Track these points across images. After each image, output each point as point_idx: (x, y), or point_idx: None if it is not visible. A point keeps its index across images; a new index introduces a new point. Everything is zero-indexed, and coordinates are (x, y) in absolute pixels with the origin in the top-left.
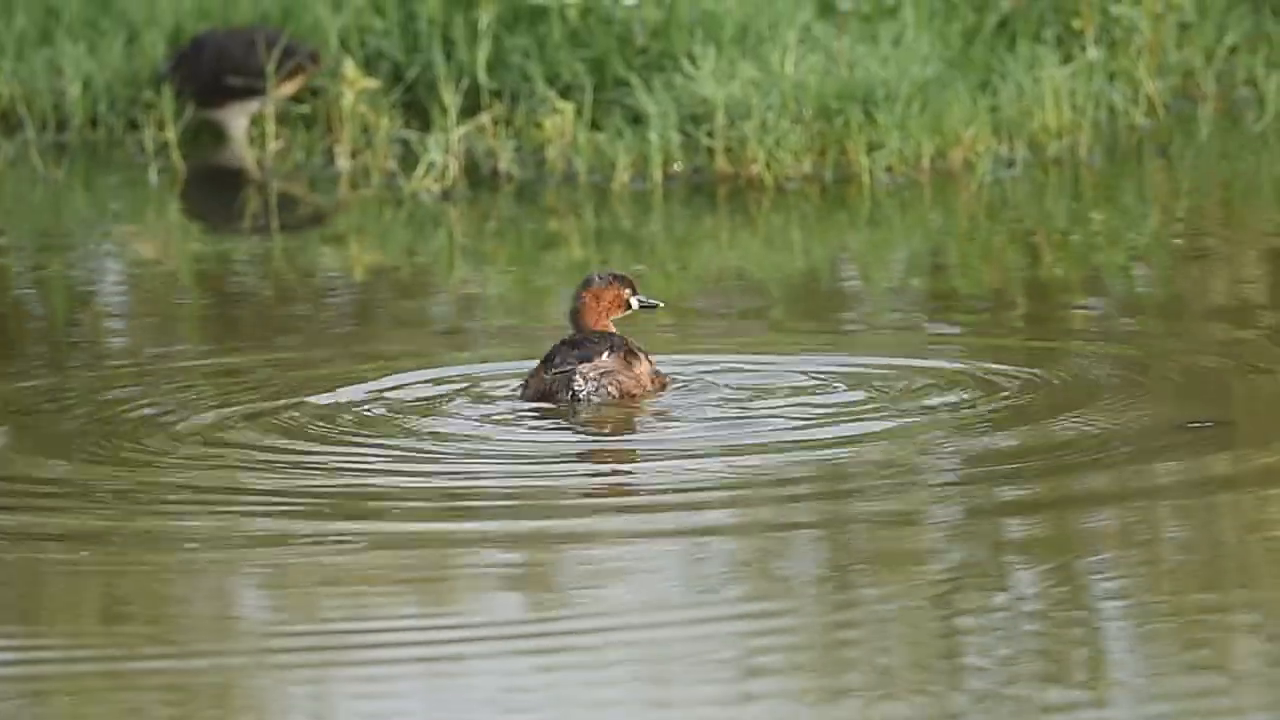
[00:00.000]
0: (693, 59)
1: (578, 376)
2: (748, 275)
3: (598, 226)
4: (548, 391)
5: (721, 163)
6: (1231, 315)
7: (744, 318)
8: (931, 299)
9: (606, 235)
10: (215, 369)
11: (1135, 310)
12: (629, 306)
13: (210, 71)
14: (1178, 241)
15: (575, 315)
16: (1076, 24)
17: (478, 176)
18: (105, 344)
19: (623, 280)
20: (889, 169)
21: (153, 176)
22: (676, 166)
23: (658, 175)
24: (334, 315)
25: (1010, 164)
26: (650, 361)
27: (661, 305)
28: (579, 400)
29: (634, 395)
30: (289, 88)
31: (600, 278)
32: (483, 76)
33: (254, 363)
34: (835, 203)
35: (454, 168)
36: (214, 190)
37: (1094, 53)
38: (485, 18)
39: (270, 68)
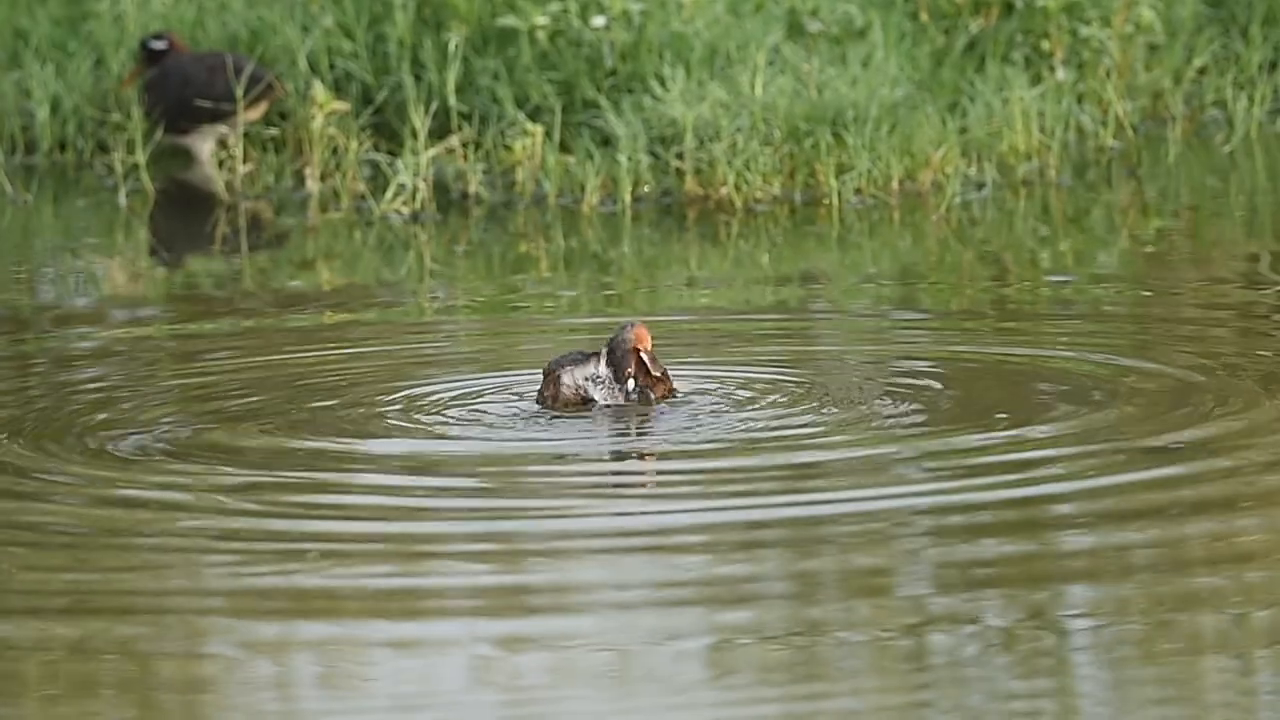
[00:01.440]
0: (662, 81)
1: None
2: (716, 295)
3: (567, 249)
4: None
5: (691, 185)
6: (1200, 335)
7: (711, 333)
8: (901, 317)
9: (576, 257)
10: (185, 389)
11: (1104, 329)
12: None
13: (176, 97)
14: (1146, 263)
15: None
16: (1045, 46)
17: (447, 199)
18: (73, 365)
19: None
20: (858, 191)
21: (122, 199)
22: (646, 188)
23: (627, 197)
24: (304, 337)
25: (980, 186)
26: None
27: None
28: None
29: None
30: (254, 112)
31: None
32: (452, 99)
33: (223, 381)
34: (804, 224)
35: (423, 190)
36: (183, 213)
37: (1063, 74)
38: (455, 40)
39: (238, 92)
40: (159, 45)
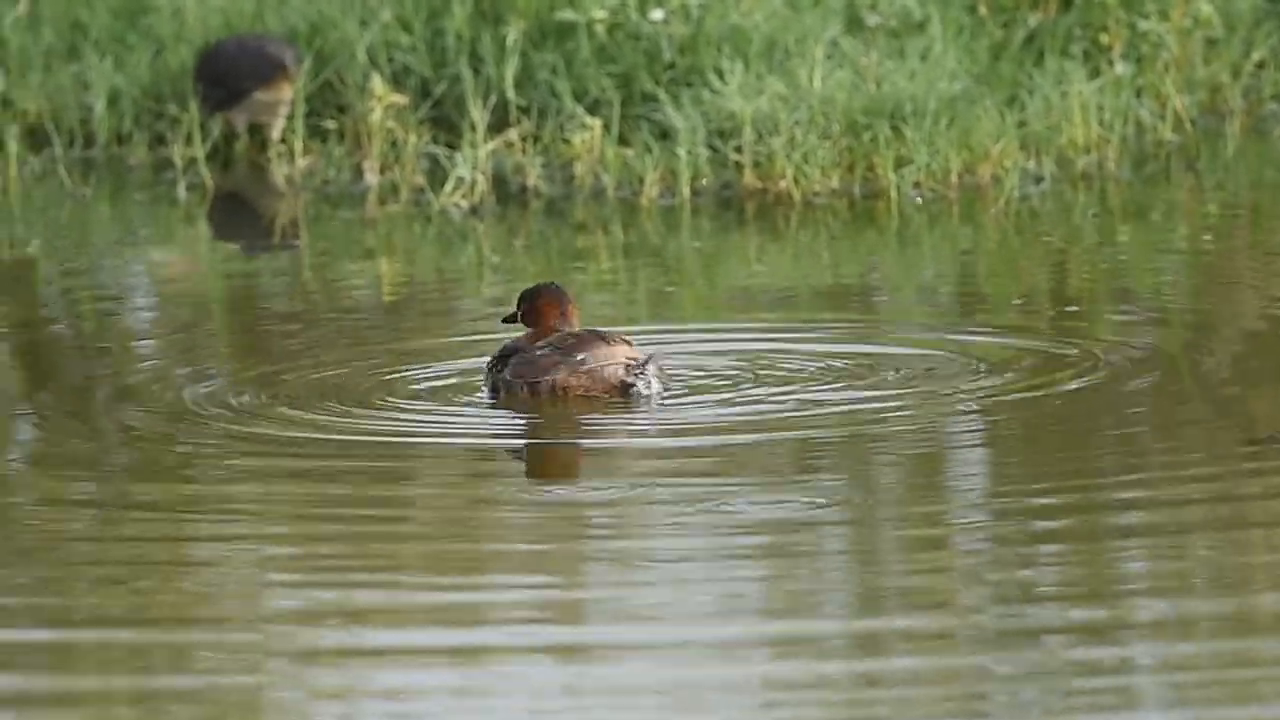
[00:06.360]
0: (720, 74)
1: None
2: (775, 288)
3: (626, 242)
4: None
5: (749, 178)
6: (1262, 328)
7: (772, 319)
8: (961, 308)
9: (634, 250)
10: (246, 380)
11: (1165, 322)
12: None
13: (209, 75)
14: (1206, 256)
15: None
16: (1104, 39)
17: (506, 192)
18: (132, 359)
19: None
20: (917, 184)
21: (180, 192)
22: (704, 182)
23: (686, 190)
24: (362, 328)
25: (1038, 179)
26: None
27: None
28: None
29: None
30: (273, 93)
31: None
32: (511, 92)
33: (283, 375)
34: (863, 218)
35: (482, 183)
36: (242, 206)
37: (1122, 68)
38: (513, 34)
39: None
40: None
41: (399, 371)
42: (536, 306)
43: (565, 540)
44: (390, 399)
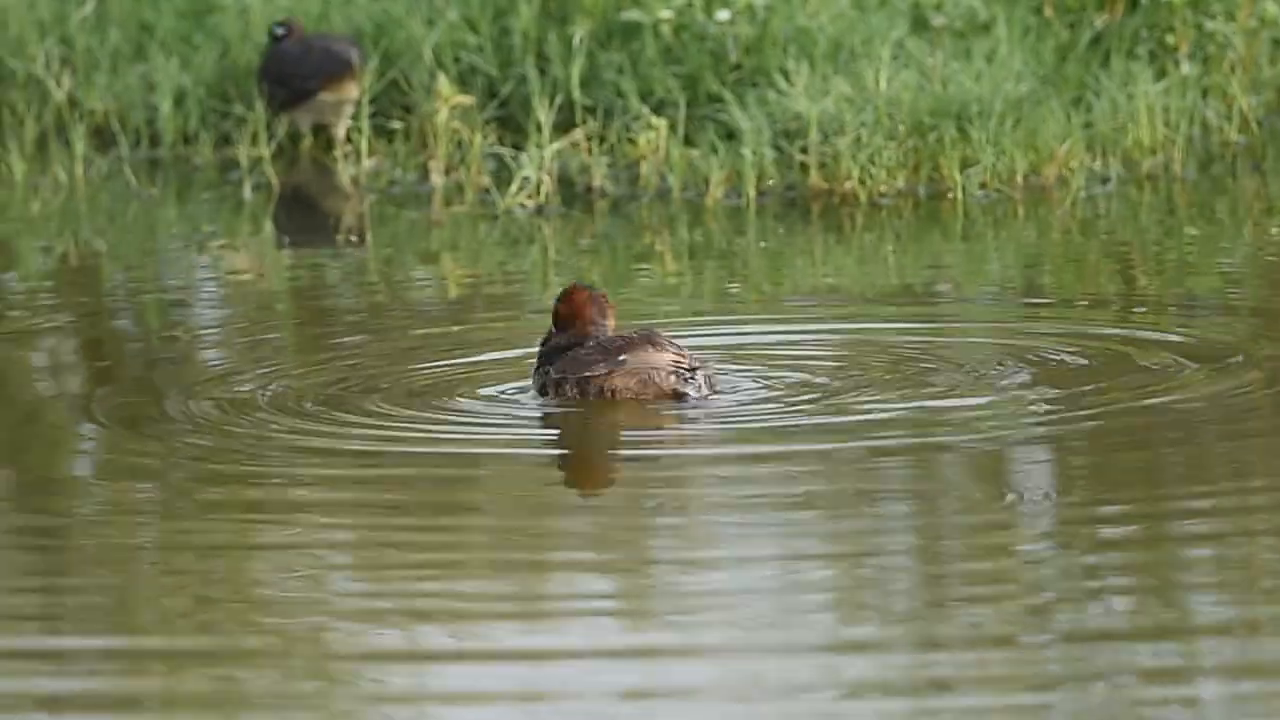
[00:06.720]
0: (786, 75)
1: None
2: (842, 289)
3: (691, 242)
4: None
5: (815, 179)
6: None
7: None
8: (1029, 306)
9: (700, 251)
10: (308, 381)
11: (1233, 323)
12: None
13: (274, 75)
14: (1272, 257)
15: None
16: (1170, 40)
17: (571, 193)
18: (200, 357)
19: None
20: (983, 185)
21: (246, 192)
22: (770, 183)
23: (751, 191)
24: (425, 329)
25: (1104, 180)
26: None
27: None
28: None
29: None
30: (336, 92)
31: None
32: (576, 93)
33: (352, 377)
34: (929, 219)
35: (548, 184)
36: (307, 206)
37: (1188, 69)
38: (579, 34)
39: (322, 69)
40: (279, 31)
41: (460, 373)
42: (572, 307)
43: (626, 545)
44: (450, 401)
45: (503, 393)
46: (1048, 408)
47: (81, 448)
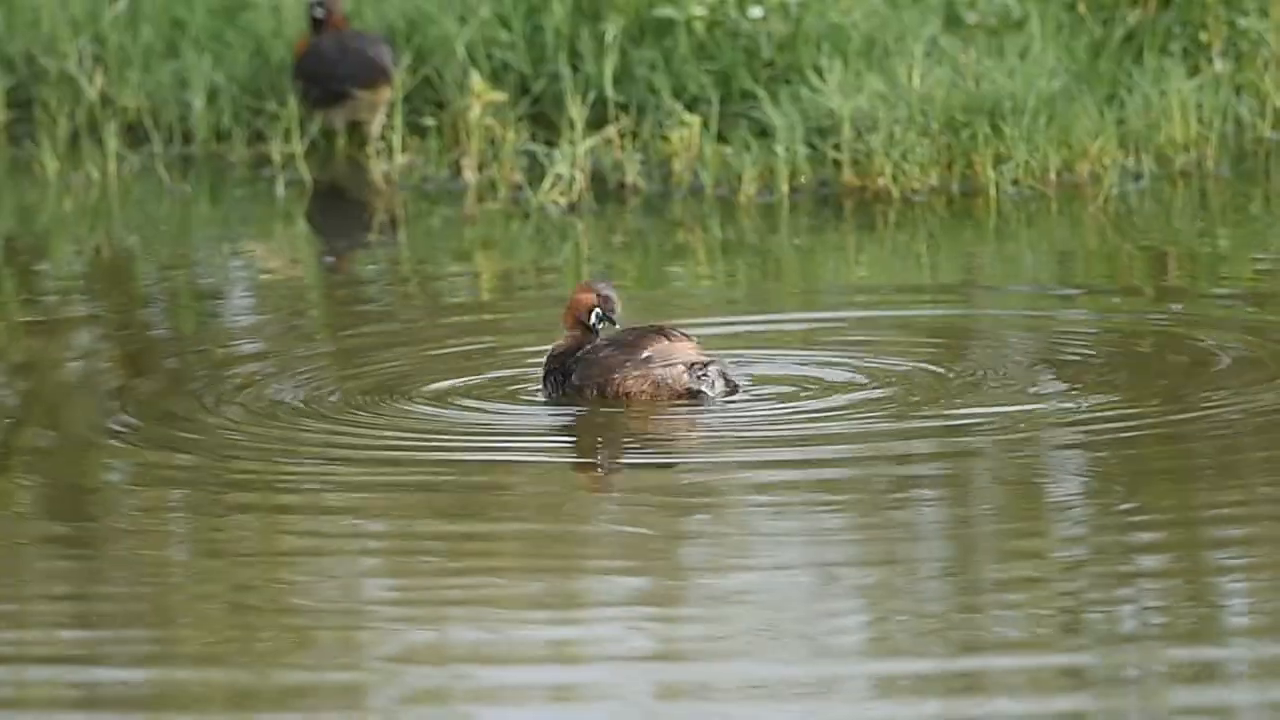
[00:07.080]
0: (819, 72)
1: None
2: (874, 286)
3: (724, 239)
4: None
5: (848, 175)
6: None
7: (862, 322)
8: (1063, 300)
9: (732, 248)
10: (340, 379)
11: (1266, 319)
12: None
13: (309, 73)
14: None
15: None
16: (1203, 37)
17: (604, 189)
18: (230, 356)
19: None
20: (1015, 182)
21: (279, 189)
22: (803, 179)
23: (784, 188)
24: (457, 327)
25: (1137, 177)
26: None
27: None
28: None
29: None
30: (371, 96)
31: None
32: (609, 89)
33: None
34: (962, 215)
35: (580, 181)
36: (340, 203)
37: (1221, 65)
38: (612, 30)
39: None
40: (318, 13)
41: (490, 372)
42: (579, 301)
43: (657, 550)
44: (479, 400)
45: (534, 396)
46: (1080, 409)
47: (111, 444)
